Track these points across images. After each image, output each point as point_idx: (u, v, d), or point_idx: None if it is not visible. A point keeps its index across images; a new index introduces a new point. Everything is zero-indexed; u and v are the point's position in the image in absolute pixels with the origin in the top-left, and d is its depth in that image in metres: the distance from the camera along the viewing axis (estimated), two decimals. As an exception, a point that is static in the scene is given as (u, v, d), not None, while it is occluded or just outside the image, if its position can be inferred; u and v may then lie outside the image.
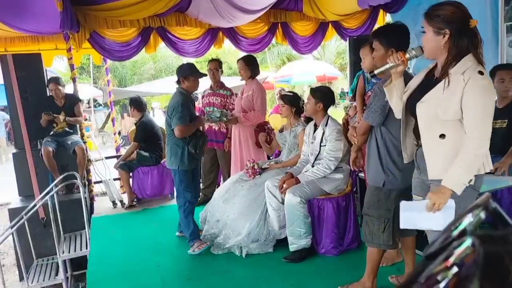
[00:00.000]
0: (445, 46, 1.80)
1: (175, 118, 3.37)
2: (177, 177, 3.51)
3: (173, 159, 3.48)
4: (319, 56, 18.27)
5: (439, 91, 1.81)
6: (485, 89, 1.75)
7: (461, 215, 0.45)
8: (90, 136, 8.67)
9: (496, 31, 4.27)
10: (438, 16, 1.79)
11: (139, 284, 3.09)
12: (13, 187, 5.27)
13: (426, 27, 1.83)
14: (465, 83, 1.73)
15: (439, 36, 1.79)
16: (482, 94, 1.74)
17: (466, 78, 1.73)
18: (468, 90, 1.72)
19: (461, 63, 1.78)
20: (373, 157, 2.45)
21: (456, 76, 1.76)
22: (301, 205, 3.15)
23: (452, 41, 1.78)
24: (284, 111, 3.72)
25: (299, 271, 3.06)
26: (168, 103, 3.58)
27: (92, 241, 4.07)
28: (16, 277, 5.09)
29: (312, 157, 3.33)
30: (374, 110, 2.35)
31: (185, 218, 3.50)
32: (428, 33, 1.83)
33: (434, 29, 1.80)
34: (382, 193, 2.44)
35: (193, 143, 3.45)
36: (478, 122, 1.74)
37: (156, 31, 5.47)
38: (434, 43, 1.82)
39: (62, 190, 4.88)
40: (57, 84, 5.02)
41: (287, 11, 6.06)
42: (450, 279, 0.37)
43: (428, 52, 1.88)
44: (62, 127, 5.05)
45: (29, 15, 4.66)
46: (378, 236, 2.47)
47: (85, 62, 15.12)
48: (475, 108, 1.73)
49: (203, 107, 4.76)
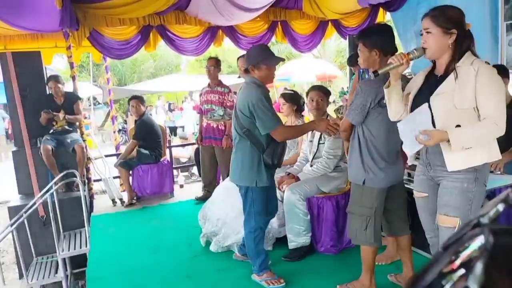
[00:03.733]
0: (452, 45, 1.91)
1: (263, 118, 2.57)
2: (250, 196, 2.74)
3: (246, 173, 2.70)
4: (319, 54, 18.25)
5: (451, 83, 1.91)
6: (496, 76, 1.87)
7: (484, 208, 0.46)
8: (90, 134, 8.65)
9: (495, 29, 4.28)
10: (447, 17, 1.91)
11: (138, 282, 3.10)
12: (13, 185, 5.27)
13: (433, 27, 1.92)
14: (476, 71, 1.84)
15: (447, 35, 1.90)
16: (494, 81, 1.86)
17: (476, 68, 1.85)
18: (481, 77, 1.84)
19: (464, 57, 1.91)
20: (354, 154, 2.46)
21: (464, 67, 1.88)
22: (300, 203, 3.15)
23: (458, 40, 1.91)
24: (286, 109, 3.72)
25: (298, 269, 3.06)
26: (237, 99, 2.77)
27: (92, 239, 4.07)
28: (16, 275, 5.10)
29: (311, 155, 3.33)
30: (355, 108, 2.38)
31: (255, 246, 2.80)
32: (435, 33, 1.92)
33: (443, 29, 1.90)
34: (364, 191, 2.45)
35: (269, 150, 2.67)
36: (493, 105, 1.83)
37: (156, 29, 5.46)
38: (442, 42, 1.92)
39: (61, 188, 4.89)
40: (57, 82, 5.02)
41: (287, 9, 6.05)
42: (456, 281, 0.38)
43: (434, 51, 1.96)
44: (61, 125, 5.05)
45: (28, 13, 4.65)
46: (361, 233, 2.49)
47: (84, 60, 15.09)
48: (490, 93, 1.84)
49: (201, 105, 4.78)
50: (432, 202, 2.08)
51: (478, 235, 0.39)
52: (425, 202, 2.15)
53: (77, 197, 4.53)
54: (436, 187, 2.06)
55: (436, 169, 2.01)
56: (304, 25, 6.31)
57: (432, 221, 2.12)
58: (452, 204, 1.95)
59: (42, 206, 4.62)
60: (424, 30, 1.94)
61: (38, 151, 4.97)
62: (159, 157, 5.22)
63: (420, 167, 2.16)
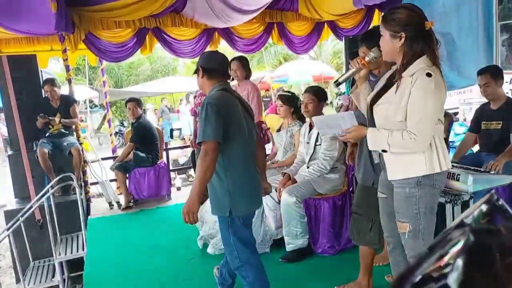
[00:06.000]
0: (400, 49, 1.83)
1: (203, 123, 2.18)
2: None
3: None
4: (316, 56, 18.29)
5: (392, 93, 1.87)
6: (428, 91, 1.77)
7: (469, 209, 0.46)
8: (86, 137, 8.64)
9: (488, 30, 4.30)
10: (394, 19, 1.82)
11: (136, 285, 3.09)
12: (9, 189, 5.25)
13: (383, 30, 1.88)
14: (412, 84, 1.78)
15: (395, 39, 1.83)
16: (424, 95, 1.77)
17: (414, 80, 1.78)
18: (413, 90, 1.77)
19: (414, 65, 1.81)
20: (364, 156, 2.47)
21: (406, 78, 1.81)
22: (297, 205, 3.15)
23: (407, 44, 1.81)
24: (283, 111, 3.72)
25: (296, 271, 3.06)
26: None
27: (89, 242, 4.06)
28: (13, 279, 5.07)
29: (307, 157, 3.34)
30: (359, 114, 2.37)
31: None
32: (384, 36, 1.88)
33: (390, 32, 1.84)
34: (372, 192, 2.45)
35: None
36: (416, 120, 1.78)
37: (152, 31, 5.47)
38: (391, 46, 1.86)
39: (58, 191, 4.86)
40: (53, 85, 5.00)
41: (283, 11, 6.07)
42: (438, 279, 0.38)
43: (385, 55, 1.93)
44: (57, 128, 5.03)
45: (23, 16, 4.64)
46: (365, 234, 2.49)
47: (80, 63, 15.07)
48: (415, 109, 1.78)
49: (195, 107, 4.77)
50: (388, 204, 2.08)
51: (460, 235, 0.40)
52: (383, 202, 2.16)
53: (73, 201, 4.51)
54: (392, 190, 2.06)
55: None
56: (300, 27, 6.33)
57: (388, 222, 2.12)
58: (399, 210, 1.95)
59: (39, 210, 4.59)
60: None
61: (34, 155, 4.95)
62: (156, 159, 5.21)
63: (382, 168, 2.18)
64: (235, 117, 2.24)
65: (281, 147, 3.82)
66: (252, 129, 2.36)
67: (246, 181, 2.27)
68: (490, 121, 3.44)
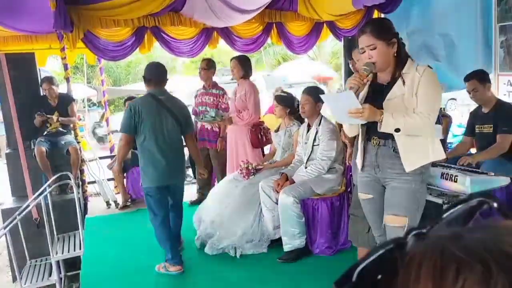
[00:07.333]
0: (395, 53, 2.04)
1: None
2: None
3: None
4: (315, 56, 18.29)
5: (400, 88, 2.01)
6: (436, 80, 2.04)
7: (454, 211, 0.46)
8: (84, 136, 8.63)
9: (486, 31, 4.30)
10: (385, 29, 2.02)
11: (132, 285, 3.09)
12: (6, 187, 5.23)
13: (376, 43, 1.98)
14: (421, 75, 1.98)
15: (390, 46, 2.00)
16: (433, 83, 2.01)
17: (421, 72, 1.99)
18: (423, 79, 1.98)
19: (409, 64, 2.04)
20: None
21: (410, 73, 2.01)
22: (295, 205, 3.15)
23: (399, 47, 2.04)
24: (278, 111, 3.72)
25: (293, 271, 3.06)
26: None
27: (86, 241, 4.05)
28: (9, 278, 5.06)
29: (305, 157, 3.34)
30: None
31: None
32: (380, 47, 1.99)
33: (386, 42, 1.99)
34: None
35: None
36: (427, 102, 1.98)
37: (151, 30, 5.45)
38: (387, 53, 2.01)
39: (55, 190, 4.85)
40: (51, 84, 4.99)
41: (282, 11, 6.05)
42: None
43: (382, 64, 2.03)
44: (55, 127, 5.02)
45: (22, 14, 4.62)
46: (362, 235, 2.50)
47: (79, 62, 15.03)
48: (427, 93, 1.99)
49: (196, 106, 4.77)
50: (377, 203, 2.16)
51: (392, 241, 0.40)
52: (370, 203, 2.20)
53: (71, 199, 4.50)
54: (381, 189, 2.15)
55: (385, 171, 2.09)
56: (299, 27, 6.32)
57: (380, 221, 2.17)
58: (401, 204, 2.02)
59: (36, 209, 4.58)
60: (366, 48, 2.00)
61: (32, 153, 4.93)
62: (154, 159, 5.19)
63: (365, 169, 2.20)
64: (150, 116, 2.96)
65: (280, 147, 3.82)
66: (174, 127, 3.06)
67: (151, 164, 3.03)
68: (483, 125, 3.46)
